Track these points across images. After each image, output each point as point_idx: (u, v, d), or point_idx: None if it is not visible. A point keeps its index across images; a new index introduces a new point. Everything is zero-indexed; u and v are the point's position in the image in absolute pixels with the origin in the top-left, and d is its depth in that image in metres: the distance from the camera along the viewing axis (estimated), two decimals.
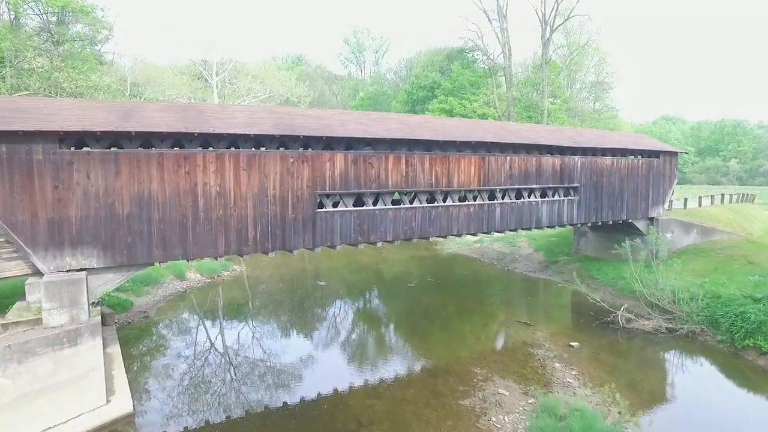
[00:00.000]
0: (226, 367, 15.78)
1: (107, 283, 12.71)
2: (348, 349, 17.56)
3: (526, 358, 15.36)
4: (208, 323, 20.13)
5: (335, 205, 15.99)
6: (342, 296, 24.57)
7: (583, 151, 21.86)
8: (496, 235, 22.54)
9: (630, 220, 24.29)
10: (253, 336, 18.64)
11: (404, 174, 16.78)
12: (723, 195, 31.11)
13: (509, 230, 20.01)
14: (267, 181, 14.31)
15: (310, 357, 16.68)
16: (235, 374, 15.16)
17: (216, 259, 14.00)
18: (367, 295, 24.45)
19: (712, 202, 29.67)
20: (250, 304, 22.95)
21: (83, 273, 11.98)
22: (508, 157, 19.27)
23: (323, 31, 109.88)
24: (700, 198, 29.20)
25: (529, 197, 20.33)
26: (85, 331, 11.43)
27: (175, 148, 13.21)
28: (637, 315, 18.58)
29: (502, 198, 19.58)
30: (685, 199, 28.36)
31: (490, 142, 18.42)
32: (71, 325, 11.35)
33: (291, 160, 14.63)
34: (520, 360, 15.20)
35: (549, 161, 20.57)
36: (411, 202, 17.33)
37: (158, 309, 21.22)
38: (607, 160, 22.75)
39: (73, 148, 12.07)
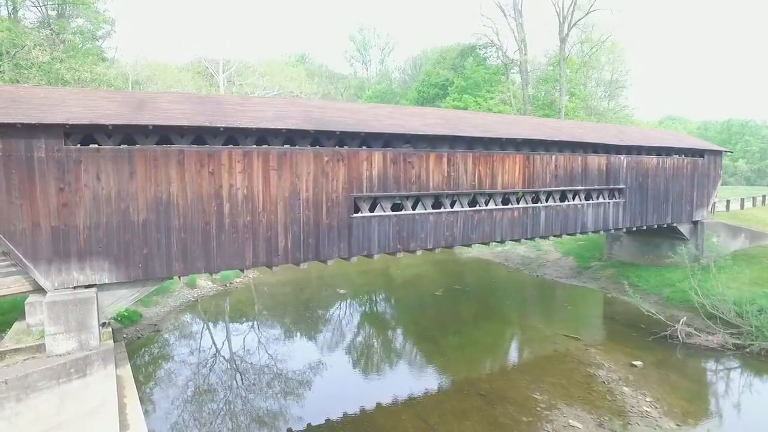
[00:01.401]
0: (250, 390, 14.09)
1: (119, 300, 10.99)
2: (384, 369, 15.88)
3: (587, 380, 13.69)
4: (223, 338, 18.43)
5: (372, 209, 14.32)
6: (366, 307, 22.87)
7: (628, 150, 20.21)
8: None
9: (674, 224, 22.64)
10: (278, 355, 16.92)
11: (446, 174, 15.10)
12: (765, 196, 29.46)
13: (554, 236, 18.35)
14: (299, 182, 12.61)
15: (345, 378, 15.04)
16: (262, 401, 13.46)
17: (242, 271, 12.29)
18: (393, 306, 22.75)
19: (753, 204, 28.04)
20: (267, 316, 21.25)
21: (92, 290, 10.26)
22: (554, 156, 17.60)
23: (326, 31, 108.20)
24: (742, 200, 27.60)
25: (573, 200, 18.67)
26: (96, 359, 9.71)
27: (195, 145, 11.53)
28: (697, 329, 16.91)
29: (546, 201, 17.92)
30: (728, 201, 26.72)
31: (537, 140, 16.76)
32: (79, 352, 9.63)
33: (326, 158, 12.94)
34: (582, 383, 13.53)
35: (595, 161, 18.91)
36: (452, 206, 15.65)
37: (169, 321, 19.53)
38: (653, 160, 21.10)
39: (79, 145, 10.38)
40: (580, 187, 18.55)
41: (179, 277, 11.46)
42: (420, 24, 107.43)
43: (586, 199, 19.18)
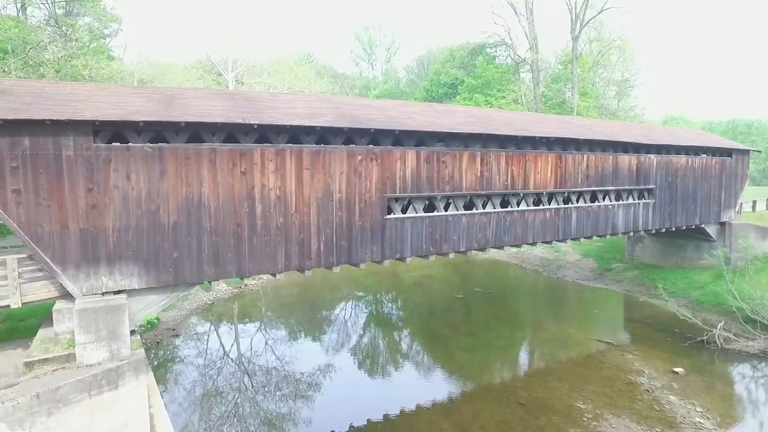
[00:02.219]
0: (276, 397, 13.55)
1: (149, 306, 10.45)
2: (419, 374, 15.36)
3: (629, 388, 13.13)
4: (243, 342, 17.88)
5: (404, 210, 13.77)
6: (388, 310, 22.31)
7: (657, 149, 19.66)
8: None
9: (702, 225, 22.07)
10: (304, 360, 16.38)
11: (479, 174, 14.56)
12: None
13: (584, 237, 17.79)
14: (332, 182, 12.08)
15: (381, 383, 14.57)
16: (291, 408, 12.93)
17: (274, 276, 11.75)
18: (416, 310, 22.16)
19: None
20: (285, 319, 20.72)
21: (123, 297, 9.72)
22: (585, 156, 17.06)
23: (328, 31, 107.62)
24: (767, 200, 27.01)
25: (603, 200, 18.11)
26: (127, 369, 9.17)
27: (227, 143, 11.00)
28: (735, 334, 16.35)
29: (577, 201, 17.37)
30: (754, 202, 26.15)
31: (570, 138, 16.22)
32: (110, 362, 9.09)
33: (359, 157, 12.40)
34: (624, 391, 12.97)
35: (625, 160, 18.36)
36: (483, 207, 15.10)
37: (187, 324, 18.99)
38: (682, 159, 20.55)
39: (108, 143, 9.85)
40: (610, 188, 18.01)
41: (210, 282, 10.91)
42: (425, 23, 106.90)
43: (616, 199, 18.63)
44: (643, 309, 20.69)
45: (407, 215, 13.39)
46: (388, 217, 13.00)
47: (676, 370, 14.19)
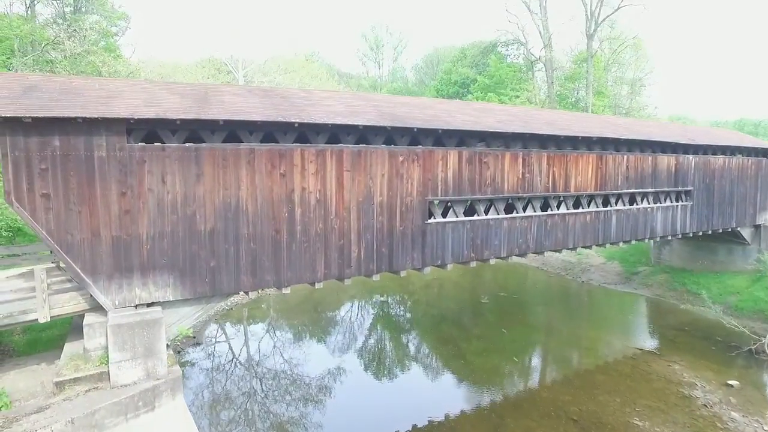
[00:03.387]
0: (308, 408, 12.82)
1: (183, 319, 9.72)
2: (459, 384, 14.63)
3: (685, 403, 12.39)
4: (267, 349, 17.15)
5: (443, 214, 13.04)
6: (415, 316, 21.53)
7: (695, 150, 18.90)
8: None
9: (738, 228, 21.32)
10: (334, 368, 15.65)
11: (521, 176, 13.83)
12: None
13: (623, 242, 17.07)
14: (373, 184, 11.34)
15: (416, 394, 13.77)
16: (322, 417, 12.21)
17: (313, 285, 11.00)
18: (445, 315, 21.35)
19: None
20: (309, 325, 19.98)
21: (158, 309, 9.00)
22: (625, 156, 16.31)
23: (331, 31, 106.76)
24: None
25: (641, 203, 17.36)
26: (164, 389, 8.46)
27: (266, 143, 10.28)
28: None
29: (616, 204, 16.62)
30: None
31: (611, 138, 15.48)
32: (147, 381, 8.37)
33: (400, 158, 11.67)
34: (681, 406, 12.23)
35: (664, 161, 17.61)
36: (524, 210, 14.36)
37: (206, 332, 18.27)
38: (719, 160, 19.79)
39: (142, 142, 9.14)
40: (649, 189, 17.26)
41: (246, 292, 10.17)
42: (431, 22, 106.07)
43: (655, 202, 17.88)
44: (678, 315, 19.93)
45: (448, 219, 12.66)
46: (429, 221, 12.26)
47: (730, 382, 13.45)
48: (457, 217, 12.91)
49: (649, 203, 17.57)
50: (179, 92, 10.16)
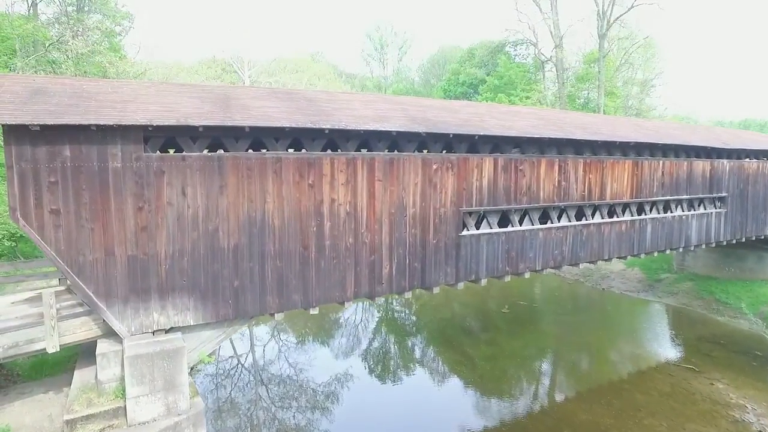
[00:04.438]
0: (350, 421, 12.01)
1: (203, 344, 8.89)
2: (489, 403, 13.78)
3: (738, 429, 11.55)
4: (283, 363, 16.31)
5: (477, 225, 12.20)
6: (437, 327, 20.57)
7: (729, 154, 18.08)
8: None
9: None
10: (360, 379, 14.84)
11: (556, 184, 12.99)
12: None
13: (658, 251, 16.22)
14: (406, 195, 10.50)
15: (448, 410, 12.95)
16: None
17: (343, 304, 10.16)
18: (465, 326, 20.45)
19: None
20: (326, 335, 19.15)
21: (178, 336, 8.17)
22: (661, 162, 15.47)
23: (334, 30, 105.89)
24: None
25: (675, 210, 16.52)
26: (186, 426, 7.63)
27: (293, 151, 9.47)
28: None
29: (650, 211, 15.78)
30: None
31: (647, 143, 14.65)
32: (167, 418, 7.54)
33: (434, 166, 10.82)
34: None
35: (699, 166, 16.76)
36: (558, 219, 13.52)
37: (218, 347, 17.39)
38: (753, 164, 18.95)
39: (159, 152, 8.31)
40: (684, 196, 16.41)
41: (272, 314, 9.32)
42: (435, 22, 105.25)
43: (689, 209, 17.04)
44: (709, 326, 19.08)
45: (483, 231, 11.82)
46: (463, 233, 11.42)
47: None
48: (491, 228, 12.07)
49: (683, 211, 16.74)
50: (198, 95, 9.32)
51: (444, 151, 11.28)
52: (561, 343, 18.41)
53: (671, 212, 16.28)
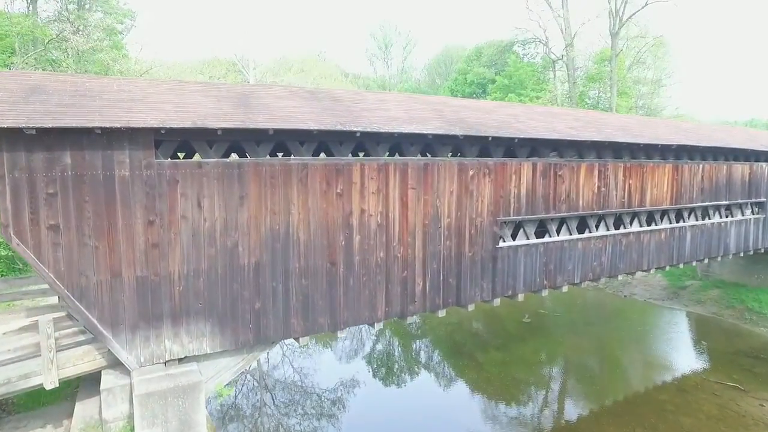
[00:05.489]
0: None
1: (219, 374, 7.92)
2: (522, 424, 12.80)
3: None
4: (278, 358, 15.34)
5: (513, 236, 11.22)
6: (460, 339, 19.47)
7: (766, 156, 17.10)
8: None
9: None
10: (390, 404, 13.86)
11: (596, 190, 12.02)
12: None
13: (697, 261, 15.25)
14: (440, 204, 9.53)
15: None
16: None
17: (372, 326, 9.18)
18: (486, 337, 19.44)
19: None
20: (349, 354, 18.19)
21: (194, 369, 7.19)
22: (701, 166, 14.50)
23: (336, 30, 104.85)
24: None
25: (713, 216, 15.54)
26: None
27: (320, 157, 8.51)
28: None
29: (688, 218, 14.80)
30: None
31: (689, 146, 13.68)
32: None
33: (471, 172, 9.85)
34: None
35: (738, 170, 15.79)
36: (597, 228, 12.55)
37: None
38: None
39: (170, 158, 7.34)
40: (723, 202, 15.44)
41: (297, 339, 8.35)
42: (439, 21, 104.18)
43: (727, 215, 16.07)
44: (745, 338, 18.10)
45: (521, 242, 10.84)
46: (500, 245, 10.45)
47: None
48: (528, 239, 11.09)
49: (721, 217, 15.77)
50: (214, 94, 8.35)
51: (479, 156, 10.30)
52: (589, 356, 17.42)
53: (709, 219, 15.32)
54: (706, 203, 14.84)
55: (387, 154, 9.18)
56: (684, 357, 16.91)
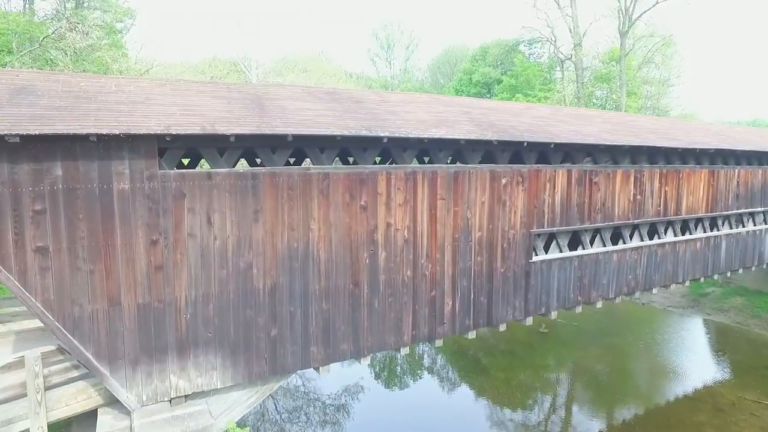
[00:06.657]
0: None
1: (230, 409, 7.04)
2: None
3: None
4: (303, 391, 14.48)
5: (545, 248, 10.36)
6: (474, 353, 18.64)
7: None
8: None
9: None
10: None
11: (632, 198, 11.16)
12: None
13: (731, 271, 14.41)
14: (471, 216, 8.67)
15: None
16: None
17: (398, 350, 8.31)
18: (502, 350, 18.54)
19: None
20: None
21: (202, 406, 6.33)
22: (737, 171, 13.66)
23: (335, 31, 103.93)
24: None
25: (748, 224, 14.69)
26: None
27: (343, 166, 7.66)
28: None
29: (722, 226, 13.95)
30: None
31: (727, 150, 12.84)
32: None
33: (503, 180, 8.99)
34: None
35: None
36: (631, 238, 11.69)
37: None
38: None
39: (175, 169, 6.47)
40: (759, 209, 14.60)
41: (317, 368, 7.48)
42: (442, 21, 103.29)
43: (762, 222, 15.22)
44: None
45: (555, 256, 9.98)
46: (534, 260, 9.59)
47: None
48: (561, 251, 10.23)
49: (755, 224, 14.92)
50: (224, 95, 7.49)
51: (510, 162, 9.44)
52: (615, 369, 16.56)
53: (743, 226, 14.47)
54: (742, 210, 14.00)
55: (413, 160, 8.32)
56: (711, 370, 16.06)
